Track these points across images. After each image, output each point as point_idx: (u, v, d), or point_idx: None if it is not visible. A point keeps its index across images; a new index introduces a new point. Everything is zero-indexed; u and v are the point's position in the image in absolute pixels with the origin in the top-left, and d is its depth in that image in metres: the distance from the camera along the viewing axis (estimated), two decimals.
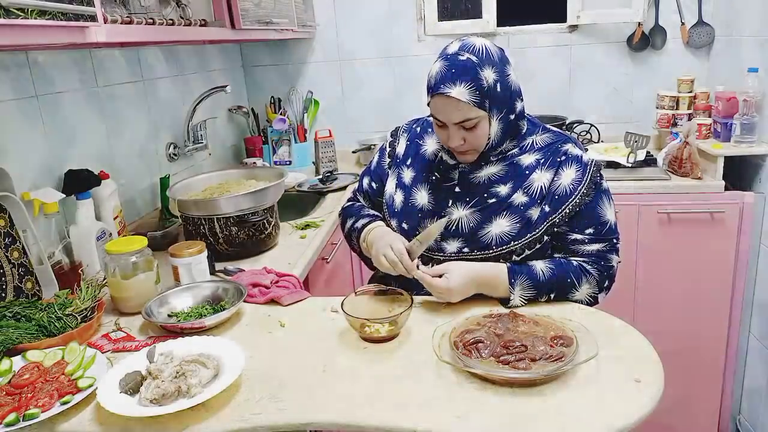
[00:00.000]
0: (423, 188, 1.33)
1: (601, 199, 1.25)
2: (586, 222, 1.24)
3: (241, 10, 1.81)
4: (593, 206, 1.24)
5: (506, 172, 1.27)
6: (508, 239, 1.23)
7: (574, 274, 1.23)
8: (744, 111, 2.03)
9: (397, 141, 1.46)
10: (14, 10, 0.91)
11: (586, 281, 1.23)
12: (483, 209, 1.25)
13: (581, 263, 1.25)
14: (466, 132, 1.21)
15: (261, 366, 1.09)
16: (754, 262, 2.11)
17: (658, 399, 0.94)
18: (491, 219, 1.24)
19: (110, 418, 0.95)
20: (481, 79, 1.16)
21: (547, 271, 1.22)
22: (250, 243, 1.65)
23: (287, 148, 2.79)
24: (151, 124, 2.07)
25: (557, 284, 1.22)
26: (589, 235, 1.24)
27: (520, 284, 1.20)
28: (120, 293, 1.34)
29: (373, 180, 1.48)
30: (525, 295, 1.21)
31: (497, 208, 1.25)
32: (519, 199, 1.24)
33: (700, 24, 2.45)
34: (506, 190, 1.26)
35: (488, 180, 1.27)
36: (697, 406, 2.28)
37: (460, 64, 1.16)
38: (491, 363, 1.00)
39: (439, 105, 1.20)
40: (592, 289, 1.25)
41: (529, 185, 1.25)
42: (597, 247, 1.24)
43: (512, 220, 1.24)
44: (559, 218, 1.23)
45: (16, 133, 1.47)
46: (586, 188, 1.23)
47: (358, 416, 0.94)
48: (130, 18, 1.32)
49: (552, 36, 2.64)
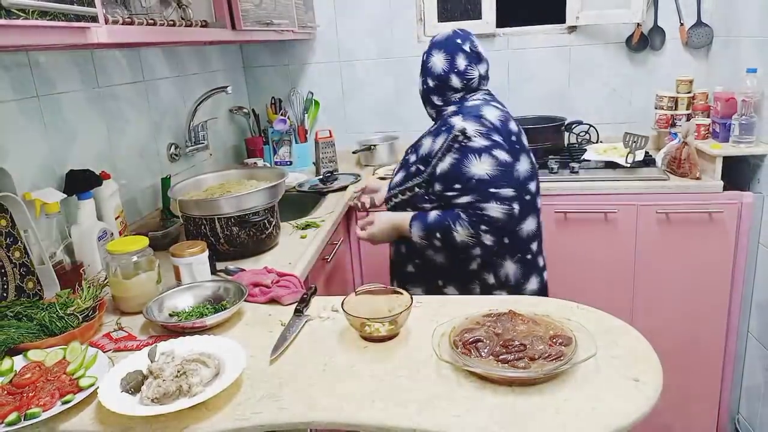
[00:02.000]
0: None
1: (467, 158, 1.48)
2: (452, 180, 1.49)
3: (241, 11, 1.81)
4: (458, 166, 1.48)
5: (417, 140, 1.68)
6: (394, 186, 1.65)
7: (450, 218, 1.50)
8: (742, 111, 2.03)
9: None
10: (15, 10, 0.91)
11: (460, 225, 1.48)
12: (399, 164, 1.71)
13: (458, 212, 1.50)
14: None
15: (262, 365, 1.09)
16: (752, 262, 2.11)
17: (657, 398, 0.95)
18: (397, 171, 1.68)
19: (111, 417, 0.96)
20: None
21: (434, 216, 1.53)
22: (251, 243, 1.66)
23: (288, 148, 2.80)
24: (152, 124, 2.07)
25: (438, 225, 1.51)
26: (457, 190, 1.49)
27: (415, 226, 1.55)
28: (121, 293, 1.34)
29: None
30: (419, 234, 1.54)
31: (402, 164, 1.68)
32: (412, 158, 1.63)
33: (699, 25, 2.45)
34: (410, 151, 1.67)
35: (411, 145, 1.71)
36: (696, 405, 2.29)
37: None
38: (490, 362, 1.01)
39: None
40: (467, 231, 1.48)
41: (419, 147, 1.61)
42: (467, 199, 1.48)
43: (402, 173, 1.64)
44: (428, 175, 1.54)
45: (17, 133, 1.48)
46: (444, 151, 1.51)
47: (358, 416, 0.94)
48: (131, 19, 1.33)
49: (551, 37, 2.64)
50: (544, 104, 2.69)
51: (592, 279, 2.22)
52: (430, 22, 2.72)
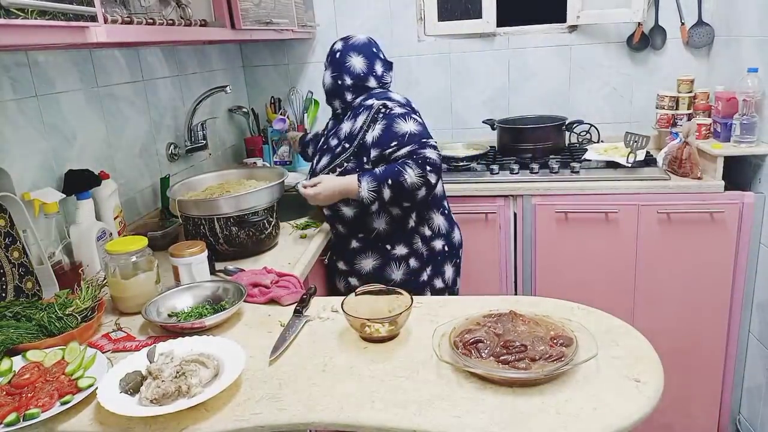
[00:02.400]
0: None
1: (395, 121, 1.68)
2: (387, 140, 1.66)
3: (241, 10, 1.81)
4: (389, 128, 1.67)
5: (335, 130, 1.82)
6: (321, 169, 1.76)
7: (399, 165, 1.63)
8: (744, 111, 2.03)
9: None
10: (14, 10, 0.91)
11: (409, 167, 1.63)
12: (318, 152, 1.86)
13: (402, 160, 1.65)
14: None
15: (261, 366, 1.09)
16: (753, 262, 2.11)
17: (658, 398, 0.95)
18: (320, 158, 1.81)
19: (110, 417, 0.95)
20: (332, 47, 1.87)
21: (381, 168, 1.65)
22: (250, 243, 1.65)
23: (287, 148, 2.79)
24: (151, 124, 2.07)
25: (389, 173, 1.62)
26: (395, 146, 1.66)
27: (365, 180, 1.63)
28: (120, 293, 1.34)
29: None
30: (370, 187, 1.62)
31: (322, 150, 1.83)
32: (332, 143, 1.78)
33: (700, 24, 2.45)
34: (331, 138, 1.81)
35: (325, 135, 1.90)
36: (697, 405, 2.28)
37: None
38: (491, 363, 1.00)
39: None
40: (416, 171, 1.62)
41: (339, 133, 1.77)
42: (406, 150, 1.65)
43: (326, 157, 1.78)
44: (356, 147, 1.70)
45: (16, 132, 1.47)
46: (369, 122, 1.69)
47: (358, 416, 0.94)
48: (130, 18, 1.32)
49: (552, 36, 2.64)
50: (545, 104, 2.69)
51: (592, 279, 2.22)
52: (430, 21, 2.71)
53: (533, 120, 2.56)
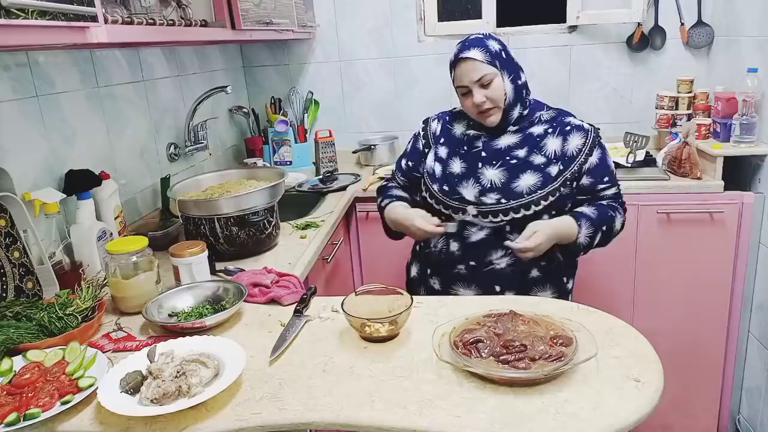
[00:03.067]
0: (456, 159, 1.59)
1: (606, 153, 1.57)
2: (602, 172, 1.55)
3: (241, 10, 1.81)
4: (603, 159, 1.55)
5: (521, 140, 1.55)
6: (535, 189, 1.50)
7: (610, 209, 1.54)
8: (743, 111, 2.03)
9: (429, 126, 1.71)
10: (15, 10, 0.91)
11: (618, 213, 1.56)
12: (508, 168, 1.53)
13: (609, 203, 1.56)
14: (485, 90, 1.49)
15: (261, 366, 1.09)
16: (753, 262, 2.11)
17: (658, 399, 0.95)
18: (518, 175, 1.51)
19: (111, 417, 0.95)
20: (489, 45, 1.50)
21: (594, 212, 1.52)
22: (250, 243, 1.65)
23: (288, 148, 2.79)
24: (151, 124, 2.07)
25: (604, 219, 1.52)
26: (607, 182, 1.55)
27: (584, 225, 1.49)
28: (121, 293, 1.34)
29: (410, 160, 1.71)
30: (587, 232, 1.50)
31: (521, 166, 1.52)
32: (537, 159, 1.52)
33: (700, 24, 2.45)
34: (523, 153, 1.54)
35: (507, 147, 1.55)
36: (697, 405, 2.28)
37: (471, 38, 1.52)
38: (491, 362, 1.00)
39: (460, 71, 1.50)
40: (622, 218, 1.57)
41: (545, 149, 1.53)
42: (613, 190, 1.57)
43: (535, 176, 1.51)
44: (571, 174, 1.52)
45: (16, 133, 1.47)
46: (589, 148, 1.53)
47: (358, 416, 0.94)
48: (130, 18, 1.32)
49: (551, 36, 2.64)
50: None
51: (592, 279, 2.21)
52: (430, 21, 2.72)
53: None
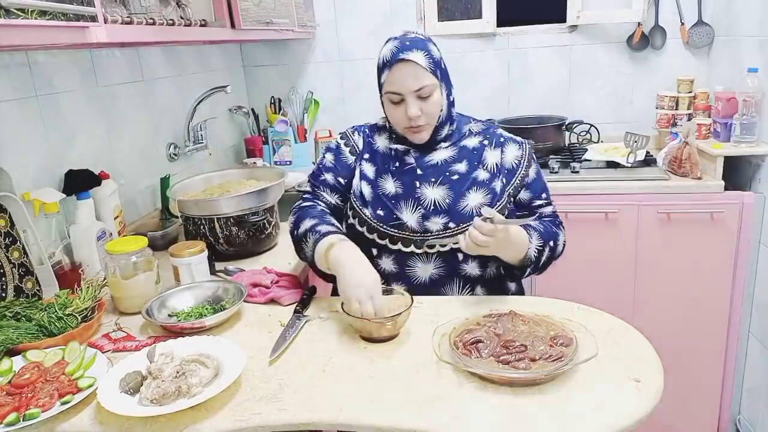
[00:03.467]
0: (388, 177, 1.40)
1: (539, 170, 1.46)
2: (540, 188, 1.44)
3: (241, 10, 1.81)
4: (540, 175, 1.45)
5: (457, 153, 1.41)
6: (478, 207, 1.35)
7: (553, 226, 1.42)
8: (744, 111, 2.03)
9: (352, 140, 1.49)
10: (14, 10, 0.91)
11: (560, 231, 1.44)
12: (452, 186, 1.37)
13: (549, 220, 1.44)
14: (422, 102, 1.30)
15: (261, 366, 1.09)
16: (753, 262, 2.11)
17: (658, 399, 0.95)
18: (464, 194, 1.36)
19: (110, 417, 0.95)
20: (431, 51, 1.31)
21: (540, 226, 1.39)
22: (250, 243, 1.65)
23: (288, 148, 2.79)
24: (151, 124, 2.07)
25: (550, 233, 1.39)
26: (544, 199, 1.45)
27: (535, 237, 1.34)
28: (120, 293, 1.34)
29: (338, 175, 1.44)
30: (537, 245, 1.34)
31: (464, 183, 1.37)
32: (482, 175, 1.39)
33: (700, 24, 2.45)
34: (464, 167, 1.39)
35: (444, 161, 1.40)
36: (697, 405, 2.28)
37: (412, 37, 1.32)
38: (491, 363, 1.00)
39: (397, 75, 1.29)
40: (564, 238, 1.45)
41: (485, 163, 1.40)
42: (551, 209, 1.46)
43: (483, 193, 1.37)
44: (513, 188, 1.41)
45: (16, 133, 1.47)
46: (527, 160, 1.43)
47: (358, 416, 0.94)
48: (130, 18, 1.32)
49: (552, 36, 2.64)
50: (545, 104, 2.68)
51: (592, 279, 2.21)
52: (430, 21, 2.71)
53: (533, 120, 2.56)
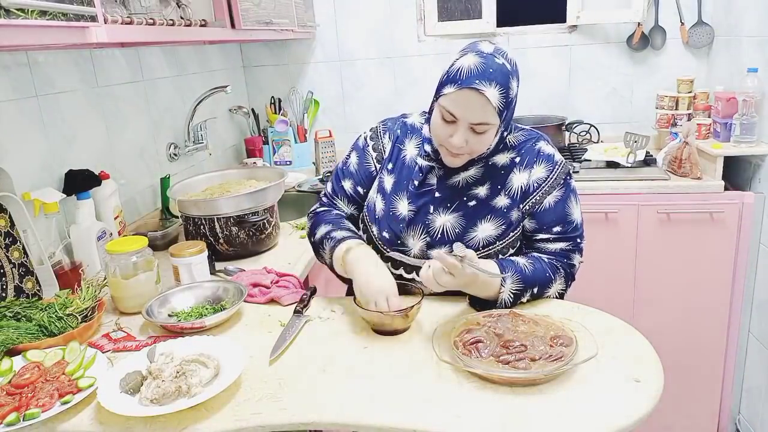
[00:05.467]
0: (403, 196, 1.29)
1: (570, 198, 1.25)
2: (555, 220, 1.24)
3: (241, 10, 1.81)
4: (561, 205, 1.24)
5: (482, 173, 1.26)
6: (494, 240, 1.24)
7: (550, 269, 1.23)
8: (743, 111, 2.03)
9: (380, 142, 1.39)
10: (14, 10, 0.91)
11: (558, 276, 1.24)
12: (465, 214, 1.25)
13: (550, 260, 1.25)
14: (473, 135, 1.17)
15: (261, 366, 1.09)
16: (753, 262, 2.11)
17: (658, 399, 0.95)
18: (476, 223, 1.24)
19: (110, 417, 0.95)
20: (511, 89, 1.15)
21: (529, 266, 1.21)
22: (250, 243, 1.65)
23: (288, 148, 2.79)
24: (151, 124, 2.07)
25: (539, 278, 1.21)
26: (556, 234, 1.24)
27: (510, 277, 1.18)
28: (120, 293, 1.34)
29: (358, 184, 1.38)
30: (514, 289, 1.18)
31: (480, 211, 1.24)
32: (501, 201, 1.24)
33: (700, 24, 2.45)
34: (484, 191, 1.25)
35: (466, 183, 1.26)
36: (697, 405, 2.28)
37: (497, 66, 1.13)
38: (491, 363, 1.00)
39: (464, 100, 1.14)
40: (561, 285, 1.25)
41: (509, 187, 1.25)
42: (561, 246, 1.25)
43: (497, 224, 1.24)
44: (523, 212, 1.24)
45: (16, 133, 1.47)
46: (550, 185, 1.23)
47: (358, 416, 0.94)
48: (130, 18, 1.32)
49: (552, 36, 2.64)
50: (545, 104, 2.69)
51: (592, 279, 2.21)
52: (430, 21, 2.71)
53: (533, 120, 2.55)
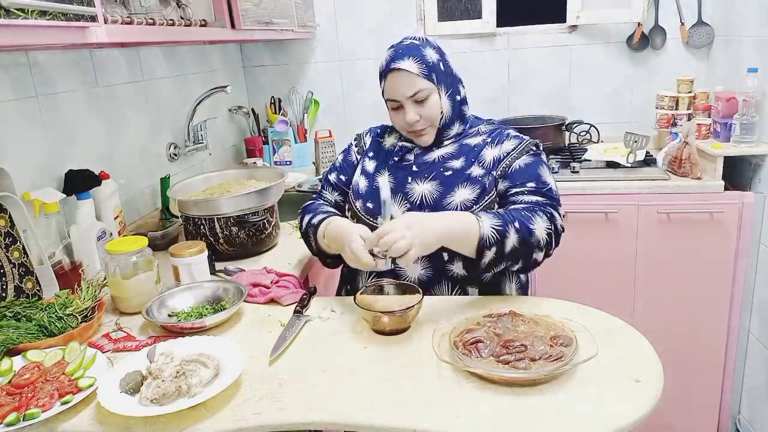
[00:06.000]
0: (384, 173, 1.41)
1: (541, 165, 1.33)
2: (527, 177, 1.31)
3: (241, 10, 1.81)
4: (532, 167, 1.32)
5: (457, 150, 1.38)
6: (471, 204, 1.31)
7: (526, 210, 1.25)
8: (743, 111, 2.03)
9: (362, 139, 1.55)
10: (14, 10, 0.91)
11: (537, 216, 1.24)
12: (443, 182, 1.34)
13: (525, 206, 1.27)
14: (419, 107, 1.32)
15: (261, 366, 1.09)
16: (753, 262, 2.11)
17: (658, 399, 0.95)
18: (453, 189, 1.33)
19: (110, 417, 0.95)
20: (425, 56, 1.31)
21: (504, 210, 1.26)
22: (250, 243, 1.65)
23: (288, 148, 2.79)
24: (151, 124, 2.07)
25: (517, 216, 1.22)
26: (530, 188, 1.30)
27: (485, 216, 1.20)
28: (120, 293, 1.34)
29: (341, 173, 1.51)
30: (494, 225, 1.18)
31: (456, 179, 1.34)
32: (476, 171, 1.34)
33: (700, 24, 2.45)
34: (460, 163, 1.36)
35: (442, 158, 1.38)
36: (697, 405, 2.28)
37: (405, 45, 1.34)
38: (491, 363, 1.00)
39: (392, 84, 1.33)
40: (546, 224, 1.24)
41: (482, 159, 1.36)
42: (537, 199, 1.28)
43: (473, 189, 1.32)
44: (497, 174, 1.33)
45: (16, 133, 1.47)
46: (519, 152, 1.34)
47: (358, 416, 0.94)
48: (130, 18, 1.32)
49: (552, 36, 2.64)
50: (545, 104, 2.69)
51: (592, 279, 2.22)
52: (431, 21, 2.71)
53: (533, 120, 2.56)
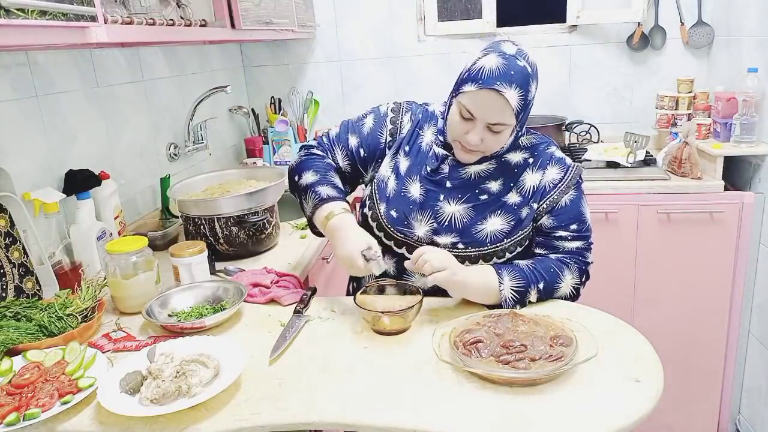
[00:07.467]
0: (416, 180, 1.31)
1: (582, 199, 1.30)
2: (570, 218, 1.27)
3: (241, 10, 1.81)
4: (576, 204, 1.28)
5: (495, 169, 1.29)
6: (502, 237, 1.26)
7: (555, 266, 1.25)
8: (743, 111, 2.03)
9: (400, 119, 1.39)
10: (14, 10, 0.91)
11: (569, 271, 1.25)
12: (476, 206, 1.27)
13: (559, 257, 1.27)
14: (489, 134, 1.21)
15: (261, 366, 1.09)
16: (753, 262, 2.11)
17: (658, 399, 0.95)
18: (486, 217, 1.26)
19: (110, 417, 0.95)
20: (529, 92, 1.19)
21: (530, 265, 1.24)
22: (250, 243, 1.65)
23: (288, 148, 2.79)
24: (151, 124, 2.07)
25: (543, 274, 1.23)
26: (573, 231, 1.27)
27: (507, 275, 1.20)
28: (120, 293, 1.34)
29: (362, 145, 1.38)
30: (514, 286, 1.19)
31: (491, 205, 1.27)
32: (513, 198, 1.27)
33: (700, 24, 2.45)
34: (497, 186, 1.28)
35: (478, 176, 1.29)
36: (697, 405, 2.28)
37: (519, 69, 1.18)
38: (491, 363, 1.00)
39: (483, 100, 1.17)
40: (575, 280, 1.26)
41: (522, 185, 1.28)
42: (577, 245, 1.28)
43: (506, 219, 1.26)
44: (539, 211, 1.27)
45: (16, 133, 1.47)
46: (566, 185, 1.27)
47: (358, 416, 0.94)
48: (130, 18, 1.32)
49: (552, 36, 2.64)
50: (545, 104, 2.68)
51: (592, 279, 2.20)
52: (431, 21, 2.71)
53: (533, 120, 2.55)
